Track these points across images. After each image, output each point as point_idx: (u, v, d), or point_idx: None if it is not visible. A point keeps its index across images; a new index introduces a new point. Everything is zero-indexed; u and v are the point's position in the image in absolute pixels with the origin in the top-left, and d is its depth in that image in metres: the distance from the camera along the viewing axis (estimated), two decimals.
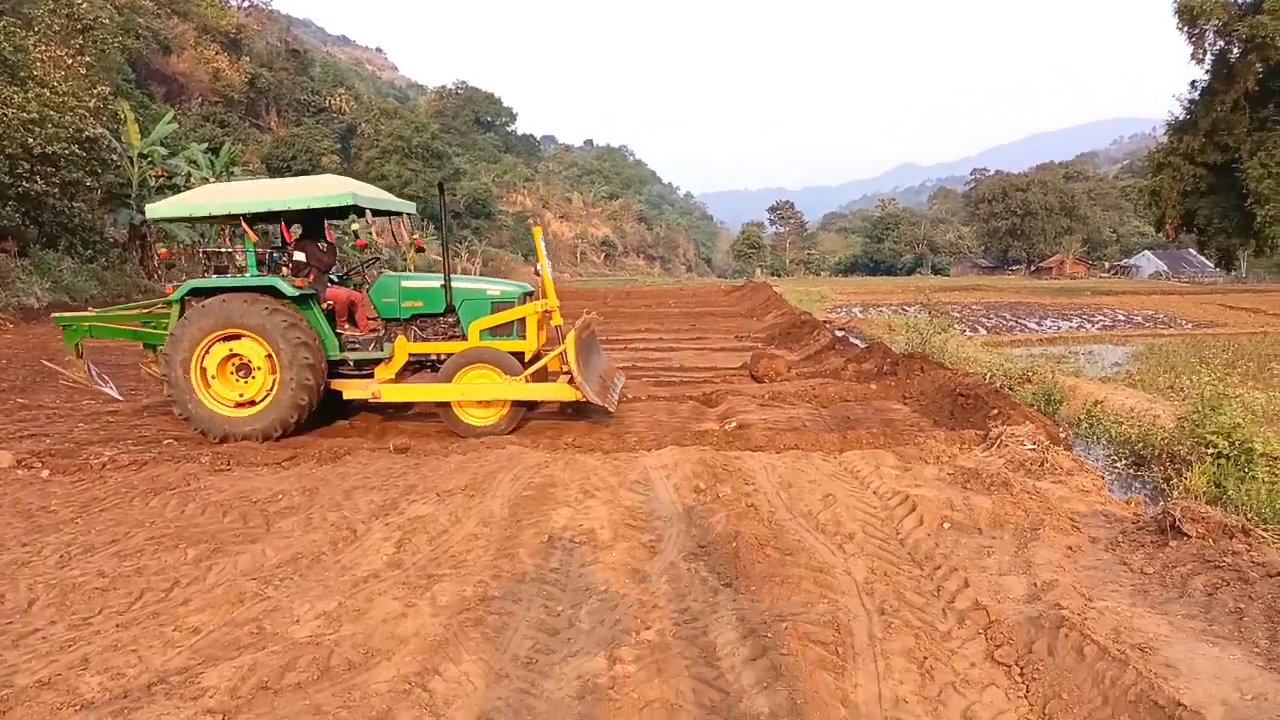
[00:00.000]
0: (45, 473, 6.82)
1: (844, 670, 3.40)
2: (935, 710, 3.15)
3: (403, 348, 8.01)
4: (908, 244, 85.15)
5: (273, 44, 70.76)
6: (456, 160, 74.75)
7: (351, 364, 8.24)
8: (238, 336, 7.68)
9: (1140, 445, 7.44)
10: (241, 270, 8.19)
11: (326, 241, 8.53)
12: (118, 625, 3.98)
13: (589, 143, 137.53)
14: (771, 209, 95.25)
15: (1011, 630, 3.64)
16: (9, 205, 22.37)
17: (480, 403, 7.95)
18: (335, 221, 8.98)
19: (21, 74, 23.38)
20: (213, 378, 7.75)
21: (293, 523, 5.44)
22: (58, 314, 9.18)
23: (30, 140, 21.55)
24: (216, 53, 59.75)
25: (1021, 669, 3.40)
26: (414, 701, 3.24)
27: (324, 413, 8.32)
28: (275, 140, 57.93)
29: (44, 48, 26.88)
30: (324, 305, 8.16)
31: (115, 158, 27.80)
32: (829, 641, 3.59)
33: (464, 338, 8.12)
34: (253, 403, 7.76)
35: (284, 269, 8.16)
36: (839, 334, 14.64)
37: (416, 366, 8.34)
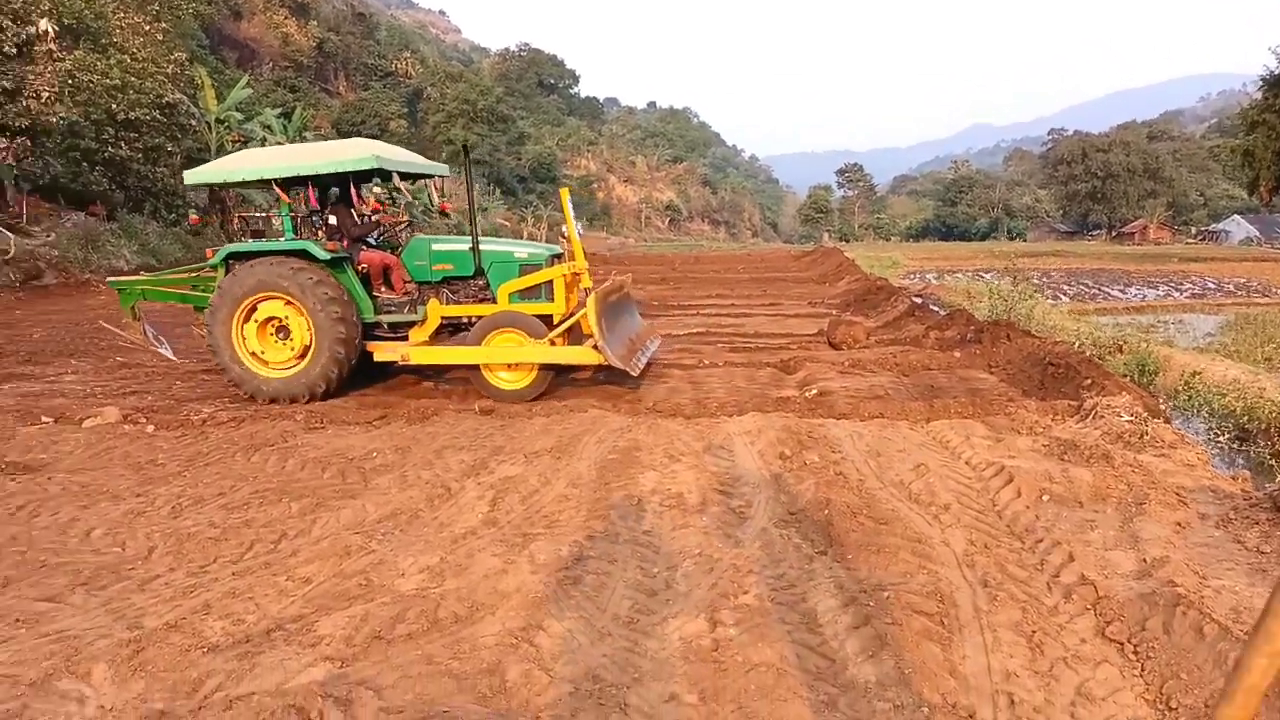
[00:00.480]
0: (150, 428, 7.11)
1: (950, 642, 3.37)
2: (1048, 685, 3.11)
3: (435, 310, 8.07)
4: (982, 208, 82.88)
5: (339, 7, 71.40)
6: (521, 124, 74.87)
7: (386, 326, 8.35)
8: (276, 300, 7.83)
9: (1245, 419, 7.18)
10: (278, 235, 8.30)
11: (358, 205, 8.51)
12: (233, 574, 4.15)
13: (652, 105, 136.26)
14: (839, 172, 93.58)
15: (1122, 607, 3.57)
16: (97, 170, 23.15)
17: (509, 366, 7.97)
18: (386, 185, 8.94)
19: (103, 41, 24.04)
20: (254, 339, 7.94)
21: (389, 480, 5.58)
22: (112, 278, 9.50)
23: (114, 106, 22.22)
24: (285, 17, 60.57)
25: (1135, 647, 3.33)
26: (522, 655, 3.31)
27: (377, 372, 8.39)
28: (344, 105, 58.70)
29: (122, 14, 27.56)
30: (359, 268, 8.24)
31: (194, 123, 28.50)
32: (933, 612, 3.57)
33: (494, 300, 8.14)
34: (290, 364, 7.94)
35: (319, 233, 8.29)
36: (916, 300, 14.37)
37: (452, 329, 8.40)
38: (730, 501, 5.06)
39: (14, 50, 19.06)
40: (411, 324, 8.20)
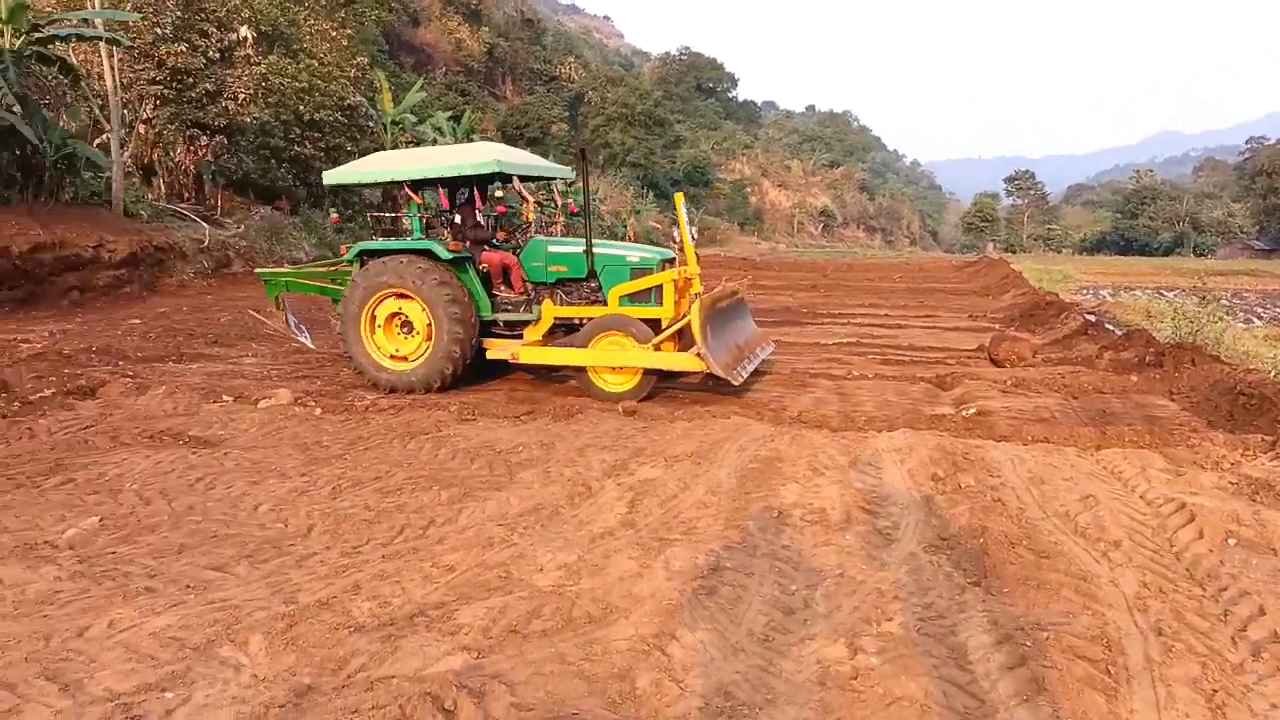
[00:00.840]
0: (318, 411, 7.53)
1: (1116, 693, 3.09)
2: None
3: (549, 311, 8.21)
4: (1166, 221, 76.86)
5: (509, 14, 73.97)
6: (678, 127, 75.33)
7: (502, 324, 8.53)
8: (402, 295, 8.15)
9: None
10: (409, 233, 8.60)
11: (481, 207, 8.66)
12: (383, 556, 4.31)
13: (810, 108, 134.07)
14: (1008, 179, 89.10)
15: None
16: (283, 167, 24.87)
17: (613, 369, 8.00)
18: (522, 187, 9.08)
19: (294, 46, 25.80)
20: (380, 332, 8.32)
21: (533, 474, 5.67)
22: (260, 269, 10.11)
23: (301, 107, 23.77)
24: (459, 23, 63.27)
25: None
26: (653, 664, 3.27)
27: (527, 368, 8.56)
28: (510, 108, 60.77)
29: (313, 21, 29.51)
30: (480, 268, 8.45)
31: (371, 124, 30.16)
32: (1098, 659, 3.28)
33: (605, 303, 8.20)
34: (410, 358, 8.25)
35: (445, 233, 8.55)
36: (1089, 318, 13.46)
37: (565, 329, 8.44)
38: (876, 521, 4.86)
39: (217, 55, 20.74)
40: (527, 323, 8.39)
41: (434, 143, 34.51)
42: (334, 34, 30.04)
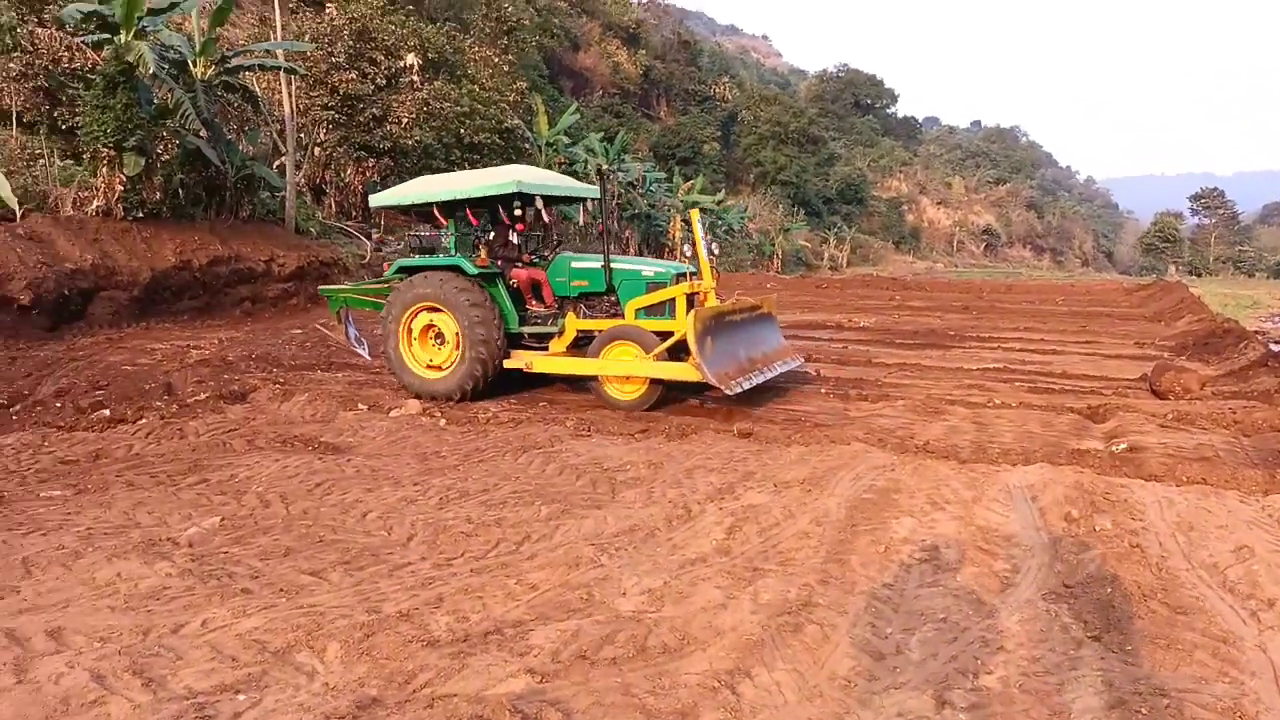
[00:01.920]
0: (442, 421, 7.76)
1: None
2: None
3: (572, 324, 8.56)
4: None
5: (667, 36, 75.04)
6: (832, 145, 74.14)
7: (528, 337, 8.92)
8: (435, 309, 8.65)
9: None
10: (447, 252, 9.05)
11: (510, 226, 9.08)
12: (472, 570, 4.33)
13: (976, 124, 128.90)
14: (1194, 197, 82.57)
15: None
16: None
17: (624, 378, 8.27)
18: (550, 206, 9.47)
19: (458, 72, 27.04)
20: (416, 343, 8.84)
21: (635, 494, 5.60)
22: (323, 286, 10.78)
23: (461, 130, 24.85)
24: (617, 47, 64.73)
25: None
26: (720, 702, 3.11)
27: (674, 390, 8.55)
28: (663, 129, 61.53)
29: (476, 49, 30.86)
30: (510, 283, 8.90)
31: (527, 146, 31.20)
32: None
33: (623, 315, 8.46)
34: (442, 367, 8.70)
35: (480, 250, 8.96)
36: (1274, 348, 12.16)
37: (589, 341, 8.55)
38: (994, 563, 4.49)
39: (384, 81, 22.02)
40: (551, 335, 8.74)
41: (585, 164, 35.32)
42: (496, 60, 31.32)
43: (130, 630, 3.50)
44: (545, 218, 9.29)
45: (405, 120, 21.97)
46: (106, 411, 7.64)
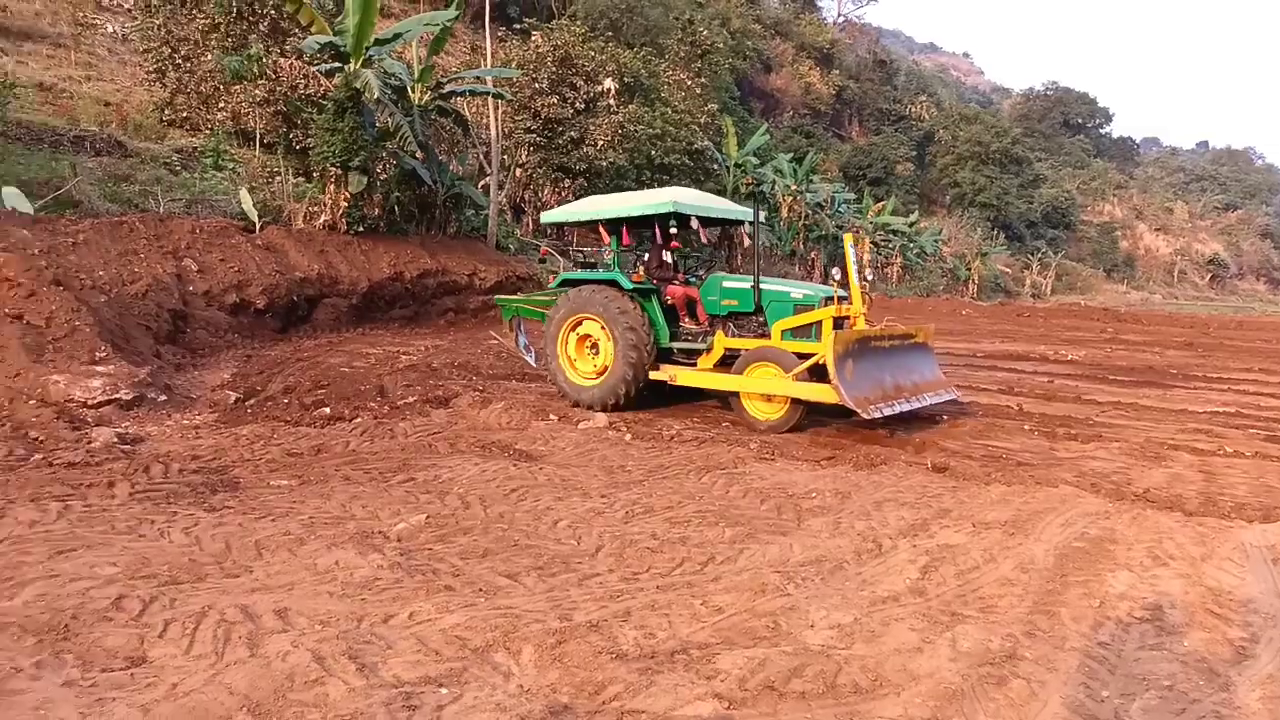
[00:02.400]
0: (628, 436, 7.89)
1: None
2: None
3: (720, 342, 8.71)
4: None
5: (862, 56, 73.62)
6: (1038, 166, 70.15)
7: (677, 352, 9.11)
8: (592, 321, 8.99)
9: None
10: (608, 267, 9.41)
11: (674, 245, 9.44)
12: (658, 587, 4.36)
13: (1202, 145, 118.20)
14: None
15: None
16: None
17: (765, 398, 8.32)
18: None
19: (652, 96, 27.65)
20: (573, 352, 9.21)
21: (822, 523, 5.47)
22: (498, 296, 11.42)
23: (653, 152, 25.37)
24: (810, 68, 64.14)
25: None
26: None
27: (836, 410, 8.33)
28: (854, 149, 60.34)
29: (671, 72, 31.45)
30: (665, 299, 9.18)
31: (715, 167, 31.44)
32: None
33: (769, 336, 8.55)
34: (594, 376, 9.00)
35: (639, 267, 9.34)
36: None
37: (733, 359, 8.61)
38: (1227, 630, 4.04)
39: (583, 105, 22.84)
40: (700, 352, 8.92)
41: (773, 184, 35.17)
42: (689, 83, 31.81)
43: (346, 616, 3.75)
44: (701, 237, 9.46)
45: (601, 143, 22.68)
46: (327, 409, 8.30)
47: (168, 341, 10.94)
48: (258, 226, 14.70)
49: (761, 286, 8.71)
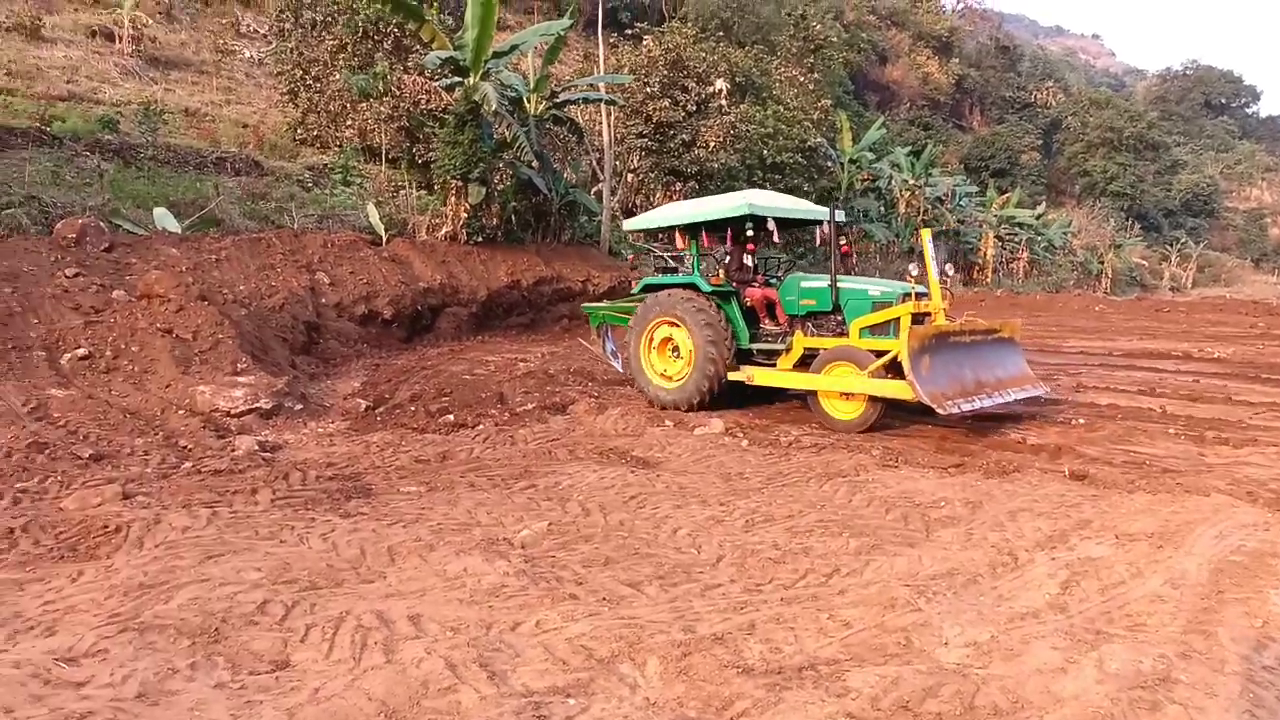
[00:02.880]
0: (744, 442, 7.82)
1: None
2: None
3: (799, 341, 8.70)
4: None
5: (983, 43, 70.97)
6: (1176, 150, 66.08)
7: (757, 353, 9.19)
8: (672, 323, 9.15)
9: None
10: (688, 271, 9.59)
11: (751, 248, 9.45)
12: (782, 599, 4.28)
13: None
14: None
15: None
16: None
17: (844, 396, 8.30)
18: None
19: (764, 94, 27.39)
20: (655, 354, 9.42)
21: (952, 534, 5.27)
22: (585, 304, 11.84)
23: (765, 151, 25.12)
24: (928, 58, 62.24)
25: None
26: None
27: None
28: (975, 139, 58.20)
29: (783, 69, 31.08)
30: (745, 302, 9.29)
31: (829, 164, 30.87)
32: None
33: (847, 334, 8.53)
34: (675, 378, 9.17)
35: (720, 269, 9.52)
36: None
37: (813, 358, 8.58)
38: None
39: (694, 107, 22.81)
40: (780, 352, 8.92)
41: (890, 179, 34.31)
42: (802, 79, 31.36)
43: (476, 624, 3.83)
44: (775, 239, 9.41)
45: (712, 144, 22.60)
46: (451, 416, 8.54)
47: (302, 352, 11.50)
48: (384, 239, 15.30)
49: (839, 285, 8.74)
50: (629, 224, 10.72)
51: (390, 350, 13.23)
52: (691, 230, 9.68)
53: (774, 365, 8.95)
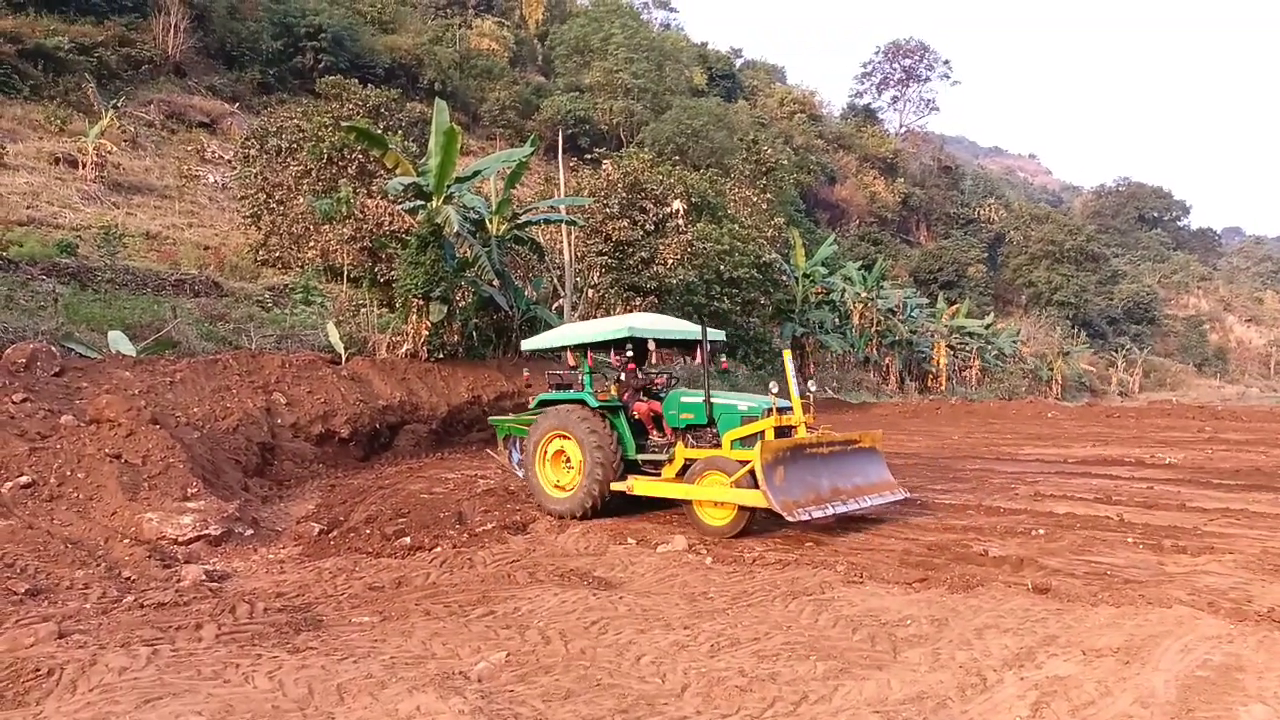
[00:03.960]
0: (708, 559, 7.71)
1: None
2: None
3: (680, 453, 9.18)
4: None
5: (926, 163, 74.44)
6: (1114, 262, 68.97)
7: (643, 464, 9.63)
8: (564, 436, 9.59)
9: None
10: (581, 388, 10.17)
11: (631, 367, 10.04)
12: None
13: None
14: None
15: None
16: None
17: (716, 504, 8.66)
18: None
19: (719, 213, 28.26)
20: (549, 465, 9.78)
21: (919, 654, 5.18)
22: (491, 417, 12.59)
23: (721, 267, 25.73)
24: (874, 178, 65.04)
25: None
26: None
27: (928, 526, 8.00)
28: (923, 253, 60.30)
29: (737, 190, 32.20)
30: (632, 416, 9.78)
31: (784, 278, 31.68)
32: None
33: (720, 446, 9.02)
34: (566, 488, 9.56)
35: (611, 387, 10.15)
36: None
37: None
38: None
39: (653, 226, 23.43)
40: (663, 463, 9.39)
41: (842, 292, 35.21)
42: (755, 199, 32.50)
43: None
44: (652, 359, 10.24)
45: (671, 261, 23.12)
46: (407, 539, 8.34)
47: (255, 474, 11.25)
48: (344, 358, 15.24)
49: (713, 400, 9.25)
50: (526, 344, 11.35)
51: (347, 469, 13.00)
52: (581, 350, 10.38)
53: (659, 475, 9.38)
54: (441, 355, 16.47)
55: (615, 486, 9.28)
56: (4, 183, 21.70)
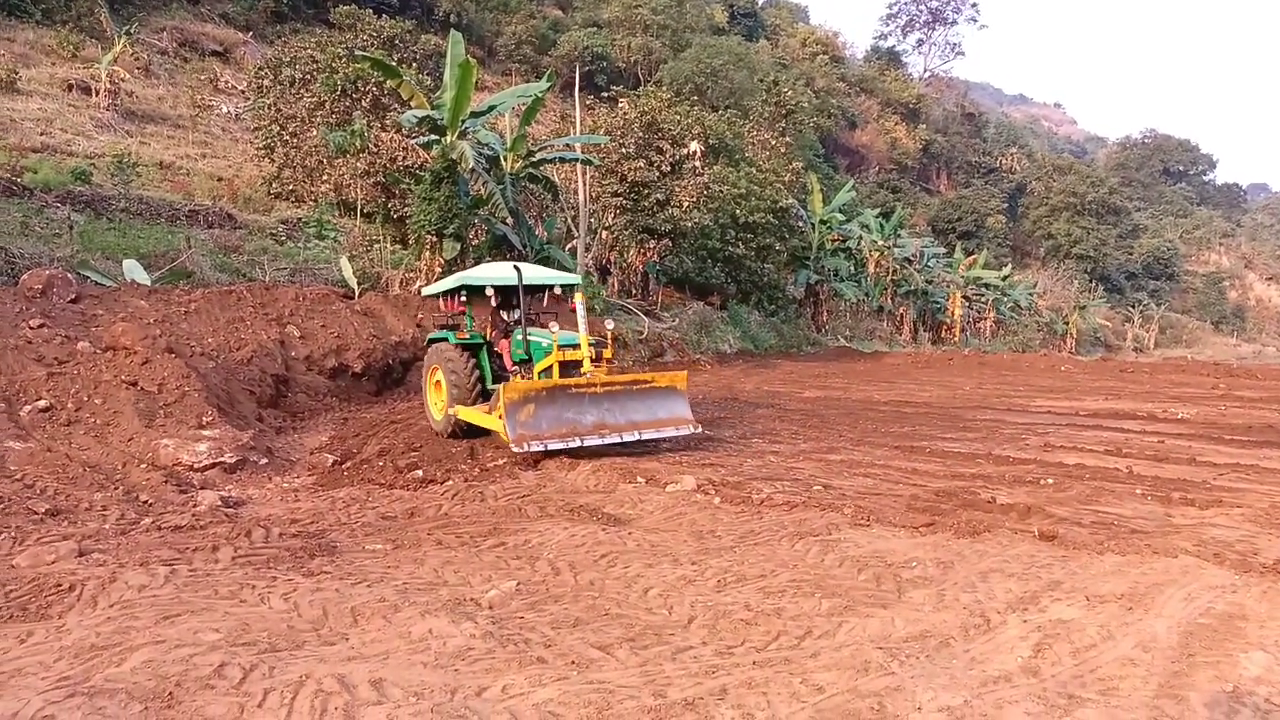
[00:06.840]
0: (717, 500, 7.76)
1: None
2: None
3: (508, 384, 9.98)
4: None
5: (949, 110, 73.06)
6: (1136, 215, 67.95)
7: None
8: (436, 369, 10.86)
9: None
10: (463, 328, 11.38)
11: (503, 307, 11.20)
12: (754, 662, 4.21)
13: None
14: None
15: None
16: (718, 266, 26.79)
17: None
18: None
19: (737, 156, 27.90)
20: (433, 392, 11.05)
21: (924, 595, 5.23)
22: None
23: (737, 211, 25.51)
24: (896, 123, 63.93)
25: None
26: None
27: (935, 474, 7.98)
28: (942, 202, 59.52)
29: (755, 132, 31.72)
30: (496, 351, 10.90)
31: (800, 224, 31.40)
32: None
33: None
34: (444, 411, 10.57)
35: (488, 326, 11.38)
36: None
37: None
38: None
39: (669, 168, 23.18)
40: None
41: (859, 240, 34.87)
42: (774, 142, 32.02)
43: (440, 689, 3.73)
44: (515, 302, 10.96)
45: (686, 204, 22.94)
46: (419, 472, 8.43)
47: (270, 405, 11.35)
48: (357, 293, 15.25)
49: (529, 337, 10.32)
50: (426, 290, 12.36)
51: (360, 403, 13.10)
52: (457, 294, 11.41)
53: None
54: None
55: (454, 412, 10.38)
56: (18, 109, 21.57)
